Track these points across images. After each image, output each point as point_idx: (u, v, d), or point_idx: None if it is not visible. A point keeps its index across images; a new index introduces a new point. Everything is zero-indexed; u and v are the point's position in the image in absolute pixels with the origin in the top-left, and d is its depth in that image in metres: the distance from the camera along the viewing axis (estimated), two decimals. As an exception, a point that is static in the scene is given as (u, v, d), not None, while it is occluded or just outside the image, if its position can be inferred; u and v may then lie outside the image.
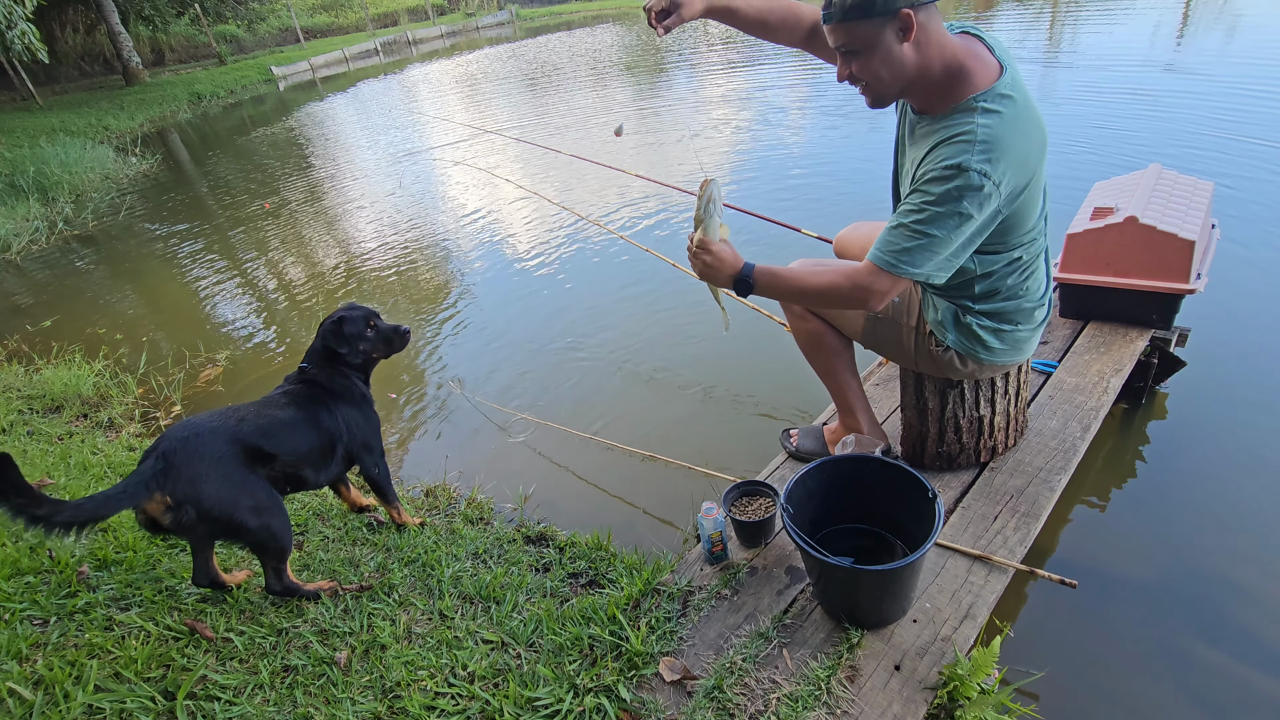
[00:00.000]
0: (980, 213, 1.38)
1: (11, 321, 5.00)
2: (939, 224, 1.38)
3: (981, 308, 1.65)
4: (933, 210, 1.38)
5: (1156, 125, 5.41)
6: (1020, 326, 1.69)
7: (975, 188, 1.34)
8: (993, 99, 1.37)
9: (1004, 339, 1.69)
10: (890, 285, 1.47)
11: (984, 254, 1.54)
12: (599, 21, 23.69)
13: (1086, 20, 10.40)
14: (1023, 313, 1.67)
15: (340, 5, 30.22)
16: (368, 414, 2.07)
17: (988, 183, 1.34)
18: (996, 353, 1.70)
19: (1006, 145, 1.35)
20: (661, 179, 3.67)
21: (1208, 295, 2.34)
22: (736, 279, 1.58)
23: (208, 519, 1.65)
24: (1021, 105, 1.38)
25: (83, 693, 1.55)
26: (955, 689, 1.43)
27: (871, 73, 1.40)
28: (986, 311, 1.66)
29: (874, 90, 1.44)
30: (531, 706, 1.52)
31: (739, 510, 1.90)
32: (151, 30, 21.67)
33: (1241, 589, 1.95)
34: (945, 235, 1.39)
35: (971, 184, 1.34)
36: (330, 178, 8.43)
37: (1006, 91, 1.38)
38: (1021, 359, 1.78)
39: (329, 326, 2.00)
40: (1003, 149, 1.34)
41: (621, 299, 4.20)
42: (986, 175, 1.34)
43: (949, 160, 1.36)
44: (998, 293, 1.63)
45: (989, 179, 1.34)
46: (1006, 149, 1.35)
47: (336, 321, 2.00)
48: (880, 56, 1.37)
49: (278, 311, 4.83)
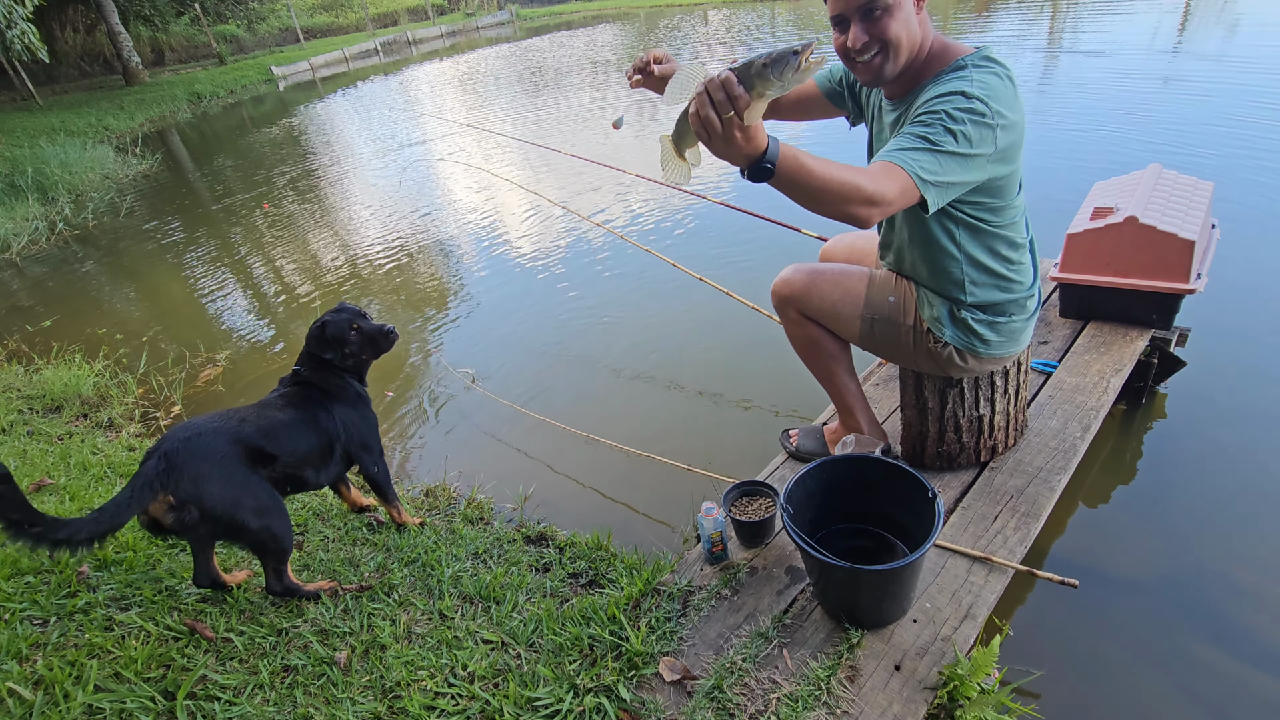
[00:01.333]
0: (979, 141, 1.34)
1: (11, 321, 5.00)
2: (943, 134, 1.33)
3: (974, 299, 1.68)
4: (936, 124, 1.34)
5: (1156, 125, 5.42)
6: (1014, 317, 1.72)
7: (978, 113, 1.33)
8: (980, 60, 1.42)
9: (999, 330, 1.71)
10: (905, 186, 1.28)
11: (973, 235, 1.59)
12: (599, 21, 23.68)
13: (1086, 20, 10.40)
14: (1015, 303, 1.71)
15: (340, 5, 30.20)
16: (365, 414, 2.07)
17: (988, 111, 1.34)
18: (993, 345, 1.72)
19: (1000, 94, 1.37)
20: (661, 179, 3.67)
21: (1208, 295, 2.34)
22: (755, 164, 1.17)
23: (210, 519, 1.65)
24: (1006, 77, 1.41)
25: (83, 693, 1.55)
26: (955, 689, 1.43)
27: (892, 34, 1.40)
28: (979, 304, 1.69)
29: (887, 55, 1.43)
30: (531, 706, 1.52)
31: (739, 510, 1.90)
32: (151, 30, 21.68)
33: (1242, 589, 1.95)
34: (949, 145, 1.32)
35: (975, 109, 1.33)
36: (330, 177, 8.43)
37: (993, 58, 1.42)
38: (1018, 350, 1.79)
39: (314, 330, 2.01)
40: (997, 95, 1.36)
41: (621, 298, 4.20)
42: (986, 104, 1.34)
43: (948, 90, 1.37)
44: (987, 283, 1.66)
45: (989, 108, 1.34)
46: (1000, 96, 1.37)
47: (320, 326, 2.01)
48: (904, 17, 1.40)
49: (278, 311, 4.83)
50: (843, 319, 1.87)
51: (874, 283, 1.84)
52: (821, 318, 1.89)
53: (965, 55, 1.44)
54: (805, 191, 1.24)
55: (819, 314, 1.88)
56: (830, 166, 1.23)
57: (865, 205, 1.25)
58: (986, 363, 1.77)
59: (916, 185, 1.30)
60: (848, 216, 1.27)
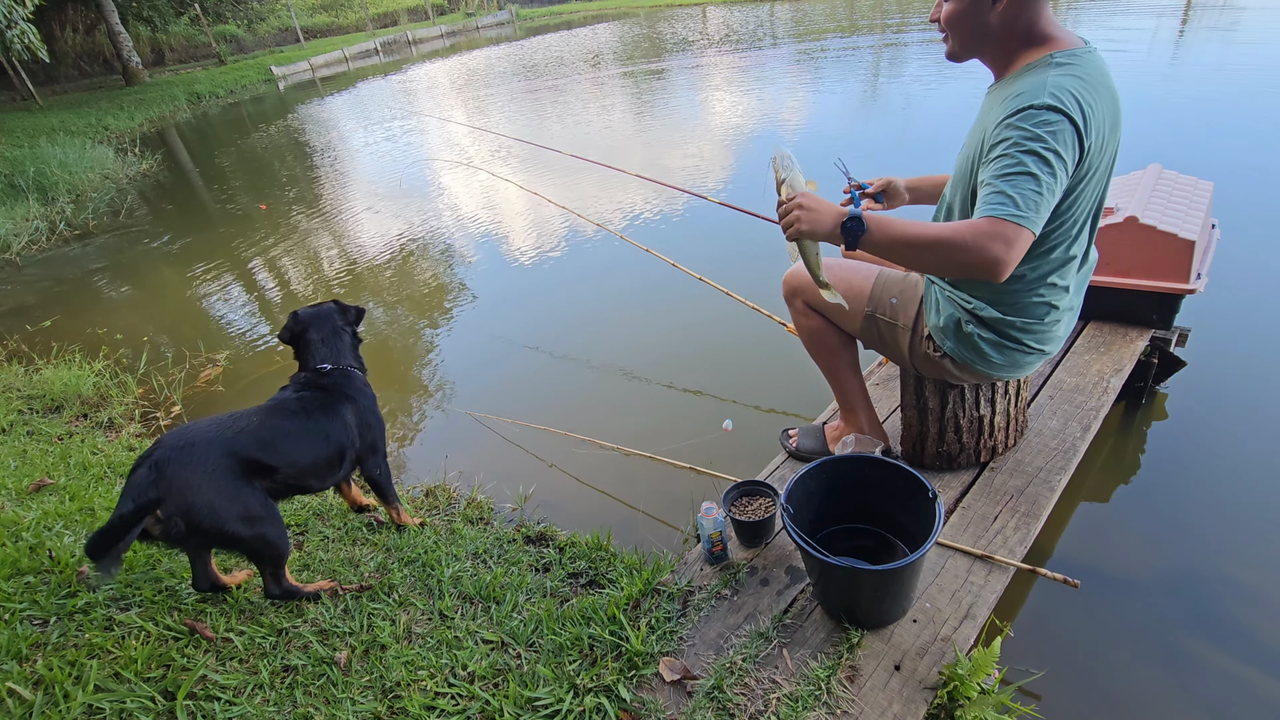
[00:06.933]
0: (1062, 143, 1.31)
1: (11, 321, 5.00)
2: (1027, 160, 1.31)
3: (987, 314, 1.60)
4: (1015, 149, 1.32)
5: (1156, 125, 5.42)
6: (1024, 345, 1.64)
7: (1048, 119, 1.31)
8: (1065, 56, 1.38)
9: (1005, 353, 1.65)
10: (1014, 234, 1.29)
11: None
12: (599, 21, 23.68)
13: (1086, 19, 10.39)
14: (1031, 335, 1.62)
15: (340, 5, 30.20)
16: (377, 415, 2.07)
17: (1059, 116, 1.30)
18: (994, 365, 1.67)
19: (1076, 92, 1.33)
20: (661, 179, 3.67)
21: (1208, 295, 2.34)
22: (845, 223, 1.36)
23: (197, 531, 1.62)
24: (1094, 68, 1.38)
25: (83, 693, 1.55)
26: (955, 689, 1.43)
27: (946, 16, 1.47)
28: (992, 321, 1.61)
29: (949, 40, 1.50)
30: (531, 706, 1.52)
31: (739, 510, 1.90)
32: (151, 30, 21.68)
33: (1242, 589, 1.95)
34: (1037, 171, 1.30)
35: (1045, 119, 1.31)
36: (330, 177, 8.43)
37: (1083, 53, 1.39)
38: (1019, 375, 1.76)
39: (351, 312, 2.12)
40: (1071, 94, 1.32)
41: (621, 298, 4.20)
42: (1057, 108, 1.31)
43: (1017, 106, 1.35)
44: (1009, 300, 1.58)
45: (1060, 110, 1.30)
46: (1076, 94, 1.32)
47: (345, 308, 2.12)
48: (965, 10, 1.43)
49: (278, 311, 4.82)
50: (846, 313, 1.88)
51: (880, 281, 1.84)
52: (826, 310, 1.91)
53: (1054, 52, 1.39)
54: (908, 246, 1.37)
55: (823, 306, 1.90)
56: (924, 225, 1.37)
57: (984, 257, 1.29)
58: (983, 378, 1.76)
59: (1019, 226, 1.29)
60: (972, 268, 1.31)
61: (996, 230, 1.28)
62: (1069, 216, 1.46)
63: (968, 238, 1.29)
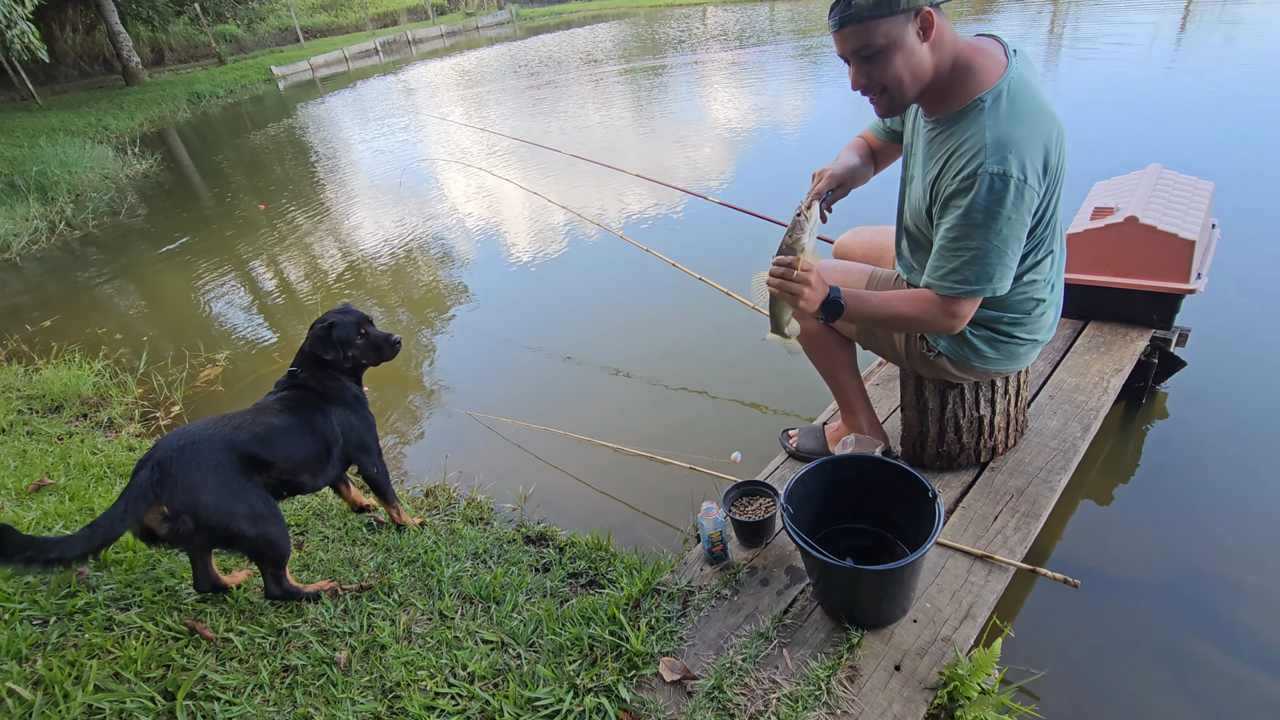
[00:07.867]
0: (1017, 208, 1.36)
1: (11, 321, 5.00)
2: (979, 234, 1.37)
3: (978, 314, 1.61)
4: (967, 223, 1.37)
5: (1156, 125, 5.41)
6: (1017, 338, 1.66)
7: (999, 190, 1.33)
8: (992, 96, 1.37)
9: (999, 348, 1.67)
10: (961, 307, 1.47)
11: None
12: (599, 20, 23.67)
13: (1087, 19, 10.39)
14: (1021, 324, 1.65)
15: (340, 5, 30.19)
16: (362, 415, 2.06)
17: (1010, 181, 1.32)
18: (990, 360, 1.69)
19: (1015, 138, 1.33)
20: (661, 178, 3.67)
21: (1208, 295, 2.34)
22: (826, 302, 1.52)
23: (205, 528, 1.63)
24: (1024, 98, 1.37)
25: (82, 693, 1.55)
26: (955, 689, 1.43)
27: (894, 75, 1.36)
28: (983, 320, 1.63)
29: (892, 96, 1.40)
30: (531, 706, 1.52)
31: (739, 510, 1.89)
32: (151, 30, 21.66)
33: (1242, 589, 1.95)
34: (989, 243, 1.38)
35: (994, 187, 1.33)
36: (329, 176, 8.43)
37: (1007, 87, 1.37)
38: (1017, 368, 1.77)
39: (319, 331, 1.98)
40: (1012, 141, 1.33)
41: (621, 298, 4.20)
42: (1005, 174, 1.32)
43: (965, 171, 1.36)
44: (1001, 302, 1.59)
45: (1009, 175, 1.32)
46: (1016, 140, 1.33)
47: (326, 327, 1.98)
48: (903, 56, 1.34)
49: (278, 311, 4.83)
50: None
51: (872, 282, 1.85)
52: None
53: (981, 94, 1.37)
54: (877, 321, 1.59)
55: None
56: (891, 301, 1.55)
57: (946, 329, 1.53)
58: (981, 375, 1.76)
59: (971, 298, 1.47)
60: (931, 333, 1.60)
61: (948, 308, 1.48)
62: (1040, 232, 1.50)
63: (923, 316, 1.51)
